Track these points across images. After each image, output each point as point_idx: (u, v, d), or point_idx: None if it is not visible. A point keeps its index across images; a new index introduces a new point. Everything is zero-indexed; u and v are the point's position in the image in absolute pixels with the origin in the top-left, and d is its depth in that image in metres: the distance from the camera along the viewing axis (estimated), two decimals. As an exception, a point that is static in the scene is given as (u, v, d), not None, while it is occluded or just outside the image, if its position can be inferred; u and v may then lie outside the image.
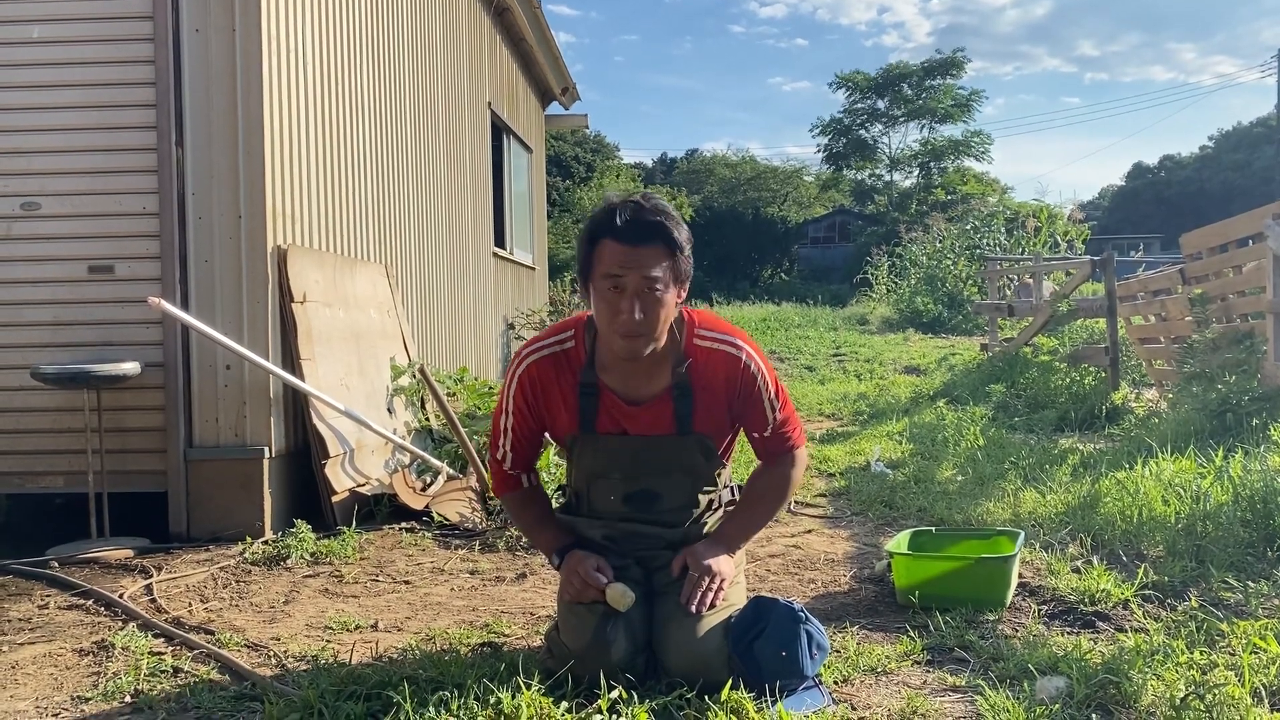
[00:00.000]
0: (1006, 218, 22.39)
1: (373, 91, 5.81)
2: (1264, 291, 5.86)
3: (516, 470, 2.64)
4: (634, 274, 2.28)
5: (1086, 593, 3.11)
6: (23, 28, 4.45)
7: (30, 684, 2.65)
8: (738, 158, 49.62)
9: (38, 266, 4.45)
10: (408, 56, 6.55)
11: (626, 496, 2.54)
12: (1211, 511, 3.65)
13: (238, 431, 4.39)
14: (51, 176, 4.44)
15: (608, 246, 2.31)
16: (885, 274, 23.07)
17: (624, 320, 2.29)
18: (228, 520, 4.31)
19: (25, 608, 3.35)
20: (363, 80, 5.64)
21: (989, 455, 5.62)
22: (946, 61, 42.30)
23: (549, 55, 11.31)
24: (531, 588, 3.56)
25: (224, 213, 4.38)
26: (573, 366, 2.48)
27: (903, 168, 44.11)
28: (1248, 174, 52.24)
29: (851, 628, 2.92)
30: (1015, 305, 10.76)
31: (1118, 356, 7.59)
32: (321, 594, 3.51)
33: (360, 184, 5.58)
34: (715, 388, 2.45)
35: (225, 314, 4.38)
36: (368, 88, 5.72)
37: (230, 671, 2.67)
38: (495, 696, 2.22)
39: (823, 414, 8.80)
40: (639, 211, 2.31)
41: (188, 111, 4.36)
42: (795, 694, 2.33)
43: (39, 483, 4.47)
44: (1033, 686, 2.35)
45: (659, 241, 2.30)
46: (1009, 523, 4.09)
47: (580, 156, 42.79)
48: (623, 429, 2.49)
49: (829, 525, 4.47)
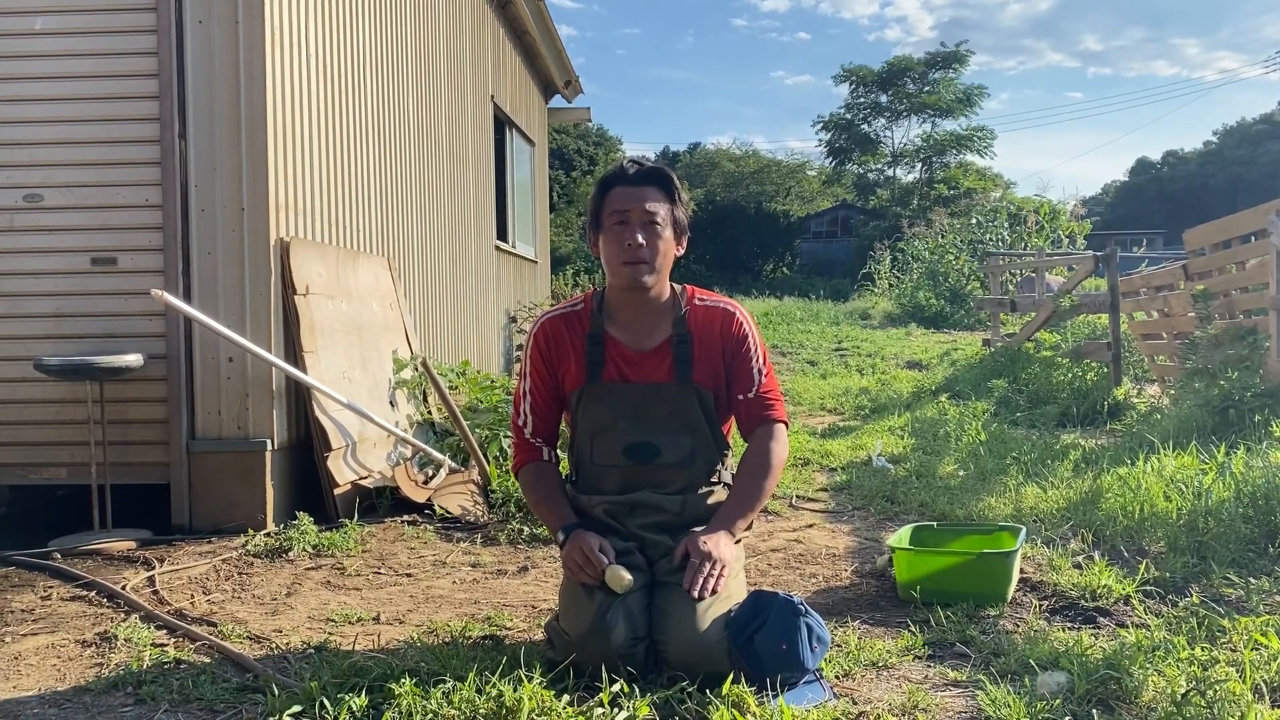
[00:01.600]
0: (1009, 213, 22.37)
1: (376, 84, 5.80)
2: (1267, 288, 5.86)
3: (537, 439, 2.77)
4: (638, 208, 2.59)
5: (1088, 588, 3.11)
6: (25, 19, 4.45)
7: (33, 675, 2.66)
8: (741, 152, 49.60)
9: (40, 258, 4.45)
10: (411, 49, 6.54)
11: (627, 448, 2.66)
12: (1213, 508, 3.64)
13: (240, 424, 4.39)
14: (54, 168, 4.44)
15: (616, 191, 2.63)
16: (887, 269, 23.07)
17: (629, 247, 2.56)
18: (230, 512, 4.32)
19: (28, 599, 3.36)
20: (366, 72, 5.63)
21: (991, 450, 5.62)
22: (949, 55, 42.20)
23: (552, 48, 11.29)
24: (533, 580, 3.56)
25: (227, 205, 4.37)
26: (582, 322, 2.72)
27: (905, 163, 44.06)
28: (1252, 170, 52.12)
29: (853, 622, 2.93)
30: (1018, 300, 10.75)
31: (1120, 352, 7.58)
32: (323, 586, 3.51)
33: (363, 176, 5.57)
34: (711, 339, 2.68)
35: (228, 306, 4.38)
36: (371, 80, 5.71)
37: (232, 663, 2.67)
38: (497, 689, 2.23)
39: (824, 409, 8.80)
40: (642, 163, 2.68)
41: (190, 103, 4.36)
42: (796, 688, 2.33)
43: (42, 474, 4.47)
44: (1034, 682, 2.35)
45: (660, 184, 2.64)
46: (1010, 518, 4.09)
47: (583, 150, 42.77)
48: (626, 377, 2.66)
49: (830, 520, 4.48)
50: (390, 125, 6.08)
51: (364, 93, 5.60)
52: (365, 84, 5.62)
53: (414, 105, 6.60)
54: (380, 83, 5.89)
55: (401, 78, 6.32)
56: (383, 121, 5.93)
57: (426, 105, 6.91)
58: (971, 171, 41.75)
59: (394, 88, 6.16)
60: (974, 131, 42.02)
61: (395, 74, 6.19)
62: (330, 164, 5.08)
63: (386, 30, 6.02)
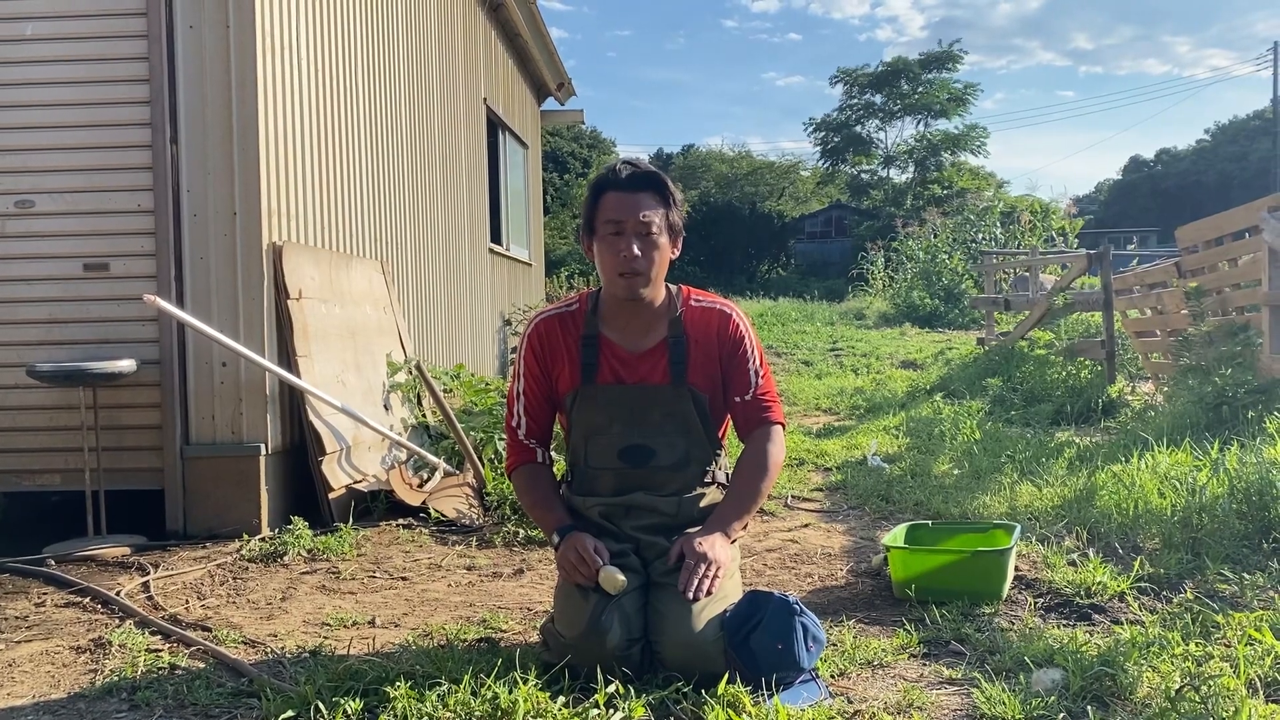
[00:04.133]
0: (1002, 212, 22.40)
1: (368, 87, 5.80)
2: (1260, 284, 5.87)
3: (531, 441, 2.75)
4: (632, 217, 2.54)
5: (1082, 585, 3.12)
6: (15, 25, 4.43)
7: (28, 681, 2.65)
8: (734, 153, 49.62)
9: (33, 264, 4.44)
10: (403, 52, 6.54)
11: (621, 450, 2.65)
12: (1207, 504, 3.65)
13: (234, 428, 4.39)
14: (46, 174, 4.43)
15: (609, 196, 2.58)
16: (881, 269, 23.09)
17: (624, 257, 2.53)
18: (225, 517, 4.31)
19: (22, 605, 3.35)
20: (358, 76, 5.63)
21: (985, 449, 5.62)
22: (942, 55, 42.22)
23: (544, 51, 11.28)
24: (528, 583, 3.56)
25: (219, 209, 4.37)
26: (577, 323, 2.70)
27: (899, 163, 44.10)
28: (1244, 167, 52.21)
29: (848, 621, 2.93)
30: (1012, 299, 10.76)
31: (1114, 350, 7.59)
32: (318, 590, 3.51)
33: (356, 180, 5.57)
34: (707, 340, 2.67)
35: (221, 311, 4.37)
36: (363, 83, 5.71)
37: (227, 668, 2.67)
38: (492, 691, 2.23)
39: (820, 408, 8.80)
40: (636, 167, 2.62)
41: (182, 108, 4.35)
42: (792, 687, 2.34)
43: (36, 481, 4.46)
44: (1029, 679, 2.36)
45: (654, 189, 2.59)
46: (1005, 516, 4.09)
47: (576, 152, 42.75)
48: (620, 379, 2.64)
49: (826, 519, 4.48)
50: (383, 128, 6.08)
51: (356, 96, 5.59)
52: (358, 87, 5.61)
53: (407, 108, 6.60)
54: (373, 86, 5.88)
55: (394, 81, 6.32)
56: (375, 125, 5.93)
57: (419, 108, 6.91)
58: (965, 171, 41.76)
59: (387, 91, 6.15)
60: (967, 130, 42.07)
61: (388, 77, 6.19)
62: (323, 167, 5.07)
63: (379, 33, 6.02)
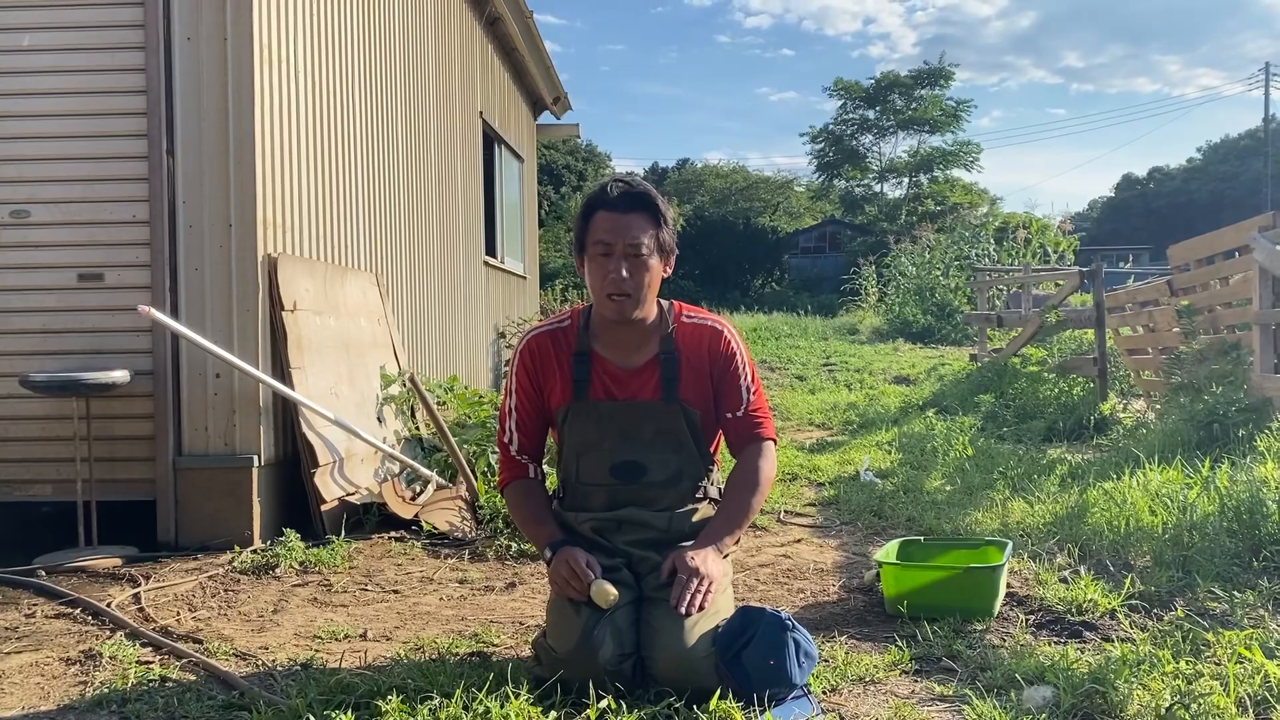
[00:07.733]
0: (996, 228, 22.49)
1: (365, 100, 5.81)
2: (1250, 303, 5.91)
3: (523, 456, 2.76)
4: (621, 239, 2.52)
5: (1074, 602, 3.13)
6: (13, 35, 4.45)
7: (17, 693, 2.64)
8: (728, 168, 49.78)
9: (27, 274, 4.44)
10: (400, 66, 6.56)
11: (613, 467, 2.65)
12: (1198, 522, 3.66)
13: (227, 440, 4.38)
14: (41, 184, 4.44)
15: (600, 216, 2.56)
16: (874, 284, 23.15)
17: (613, 280, 2.52)
18: (216, 529, 4.30)
19: (12, 616, 3.34)
20: (355, 89, 5.64)
21: (977, 465, 5.64)
22: (935, 71, 42.50)
23: (540, 65, 11.33)
24: (520, 597, 3.56)
25: (214, 221, 4.37)
26: (569, 340, 2.70)
27: (892, 178, 44.28)
28: (1235, 186, 52.52)
29: (840, 637, 2.93)
30: (1004, 316, 10.80)
31: (1106, 367, 7.63)
32: (310, 603, 3.50)
33: (352, 192, 5.58)
34: (699, 356, 2.66)
35: (215, 322, 4.37)
36: (360, 96, 5.72)
37: (218, 681, 2.66)
38: (484, 705, 2.23)
39: (812, 423, 8.81)
40: (628, 186, 2.59)
41: (179, 120, 4.36)
42: (784, 703, 2.34)
43: (27, 491, 4.45)
44: (1019, 696, 2.36)
45: (645, 210, 2.56)
46: (997, 532, 4.10)
47: (571, 165, 42.82)
48: (612, 395, 2.65)
49: (818, 535, 4.48)
50: (379, 141, 6.09)
51: (353, 108, 5.61)
52: (354, 100, 5.63)
53: (403, 121, 6.62)
54: (369, 99, 5.90)
55: (391, 94, 6.34)
56: (372, 137, 5.94)
57: (416, 121, 6.93)
58: (958, 186, 41.99)
59: (383, 104, 6.17)
60: (960, 146, 42.30)
61: (384, 90, 6.20)
62: (319, 180, 5.08)
63: (375, 47, 6.04)
